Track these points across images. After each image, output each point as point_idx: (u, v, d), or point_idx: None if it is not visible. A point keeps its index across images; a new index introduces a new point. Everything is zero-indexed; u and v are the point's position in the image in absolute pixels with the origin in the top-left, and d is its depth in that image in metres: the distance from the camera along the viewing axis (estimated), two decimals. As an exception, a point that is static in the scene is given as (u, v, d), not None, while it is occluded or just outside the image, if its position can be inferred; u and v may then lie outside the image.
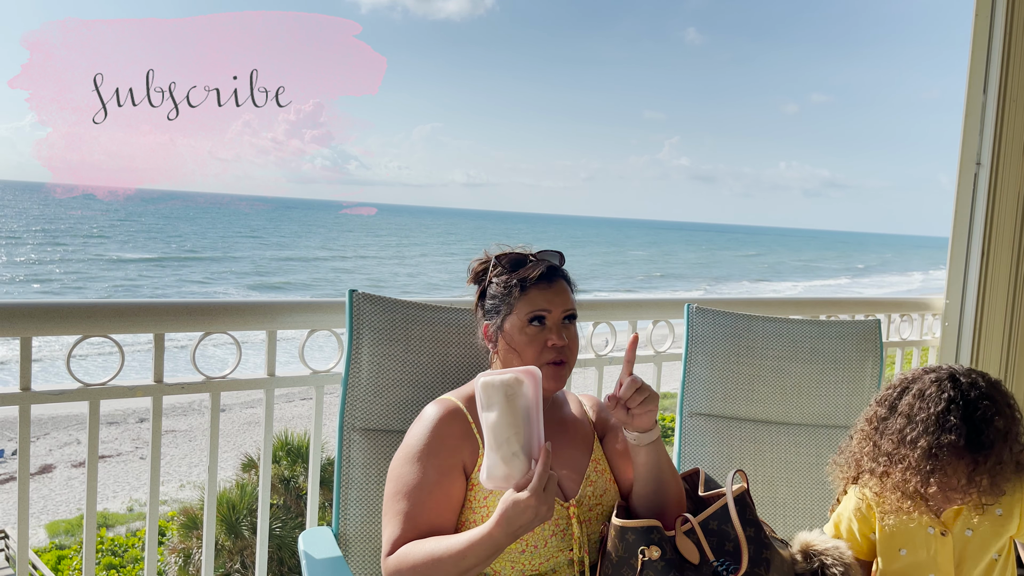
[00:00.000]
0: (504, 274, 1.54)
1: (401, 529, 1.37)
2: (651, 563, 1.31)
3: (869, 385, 2.24)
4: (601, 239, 78.56)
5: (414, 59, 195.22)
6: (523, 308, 1.49)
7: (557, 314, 1.50)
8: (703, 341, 2.18)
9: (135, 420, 16.40)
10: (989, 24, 2.95)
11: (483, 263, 1.60)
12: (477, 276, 1.61)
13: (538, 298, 1.50)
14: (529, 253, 1.58)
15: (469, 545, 1.27)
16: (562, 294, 1.52)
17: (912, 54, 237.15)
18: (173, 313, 1.87)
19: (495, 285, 1.55)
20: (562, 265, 1.60)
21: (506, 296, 1.52)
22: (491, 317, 1.55)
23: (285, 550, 8.53)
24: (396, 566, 1.34)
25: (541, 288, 1.50)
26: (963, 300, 3.08)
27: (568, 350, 1.51)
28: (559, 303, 1.51)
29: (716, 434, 2.15)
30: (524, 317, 1.49)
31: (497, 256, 1.58)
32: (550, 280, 1.52)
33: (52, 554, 11.06)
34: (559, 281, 1.54)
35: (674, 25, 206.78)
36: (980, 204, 3.01)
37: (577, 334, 1.55)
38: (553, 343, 1.48)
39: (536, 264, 1.53)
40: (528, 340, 1.49)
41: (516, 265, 1.55)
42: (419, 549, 1.33)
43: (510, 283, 1.52)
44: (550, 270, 1.53)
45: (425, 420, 1.48)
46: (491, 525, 1.25)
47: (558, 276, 1.55)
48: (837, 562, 1.47)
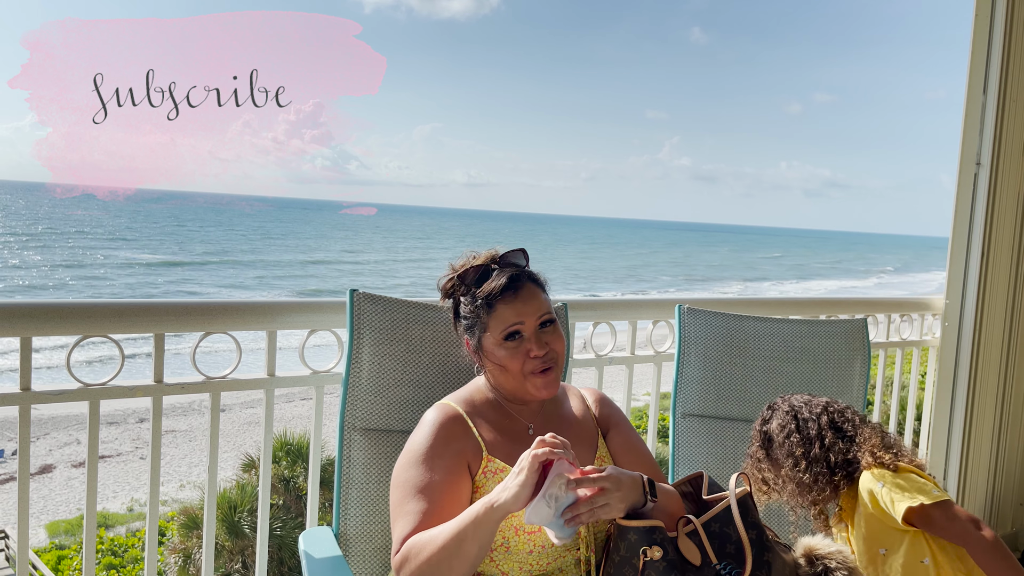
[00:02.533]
0: (468, 293, 1.53)
1: (412, 527, 1.37)
2: (653, 563, 1.31)
3: (858, 384, 2.24)
4: (620, 241, 78.73)
5: (415, 59, 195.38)
6: (496, 325, 1.48)
7: (531, 323, 1.48)
8: (695, 342, 2.18)
9: (135, 420, 16.39)
10: (989, 24, 2.95)
11: (449, 279, 1.57)
12: (447, 294, 1.60)
13: (507, 313, 1.48)
14: (491, 259, 1.54)
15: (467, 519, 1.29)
16: (531, 301, 1.49)
17: (918, 54, 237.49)
18: (173, 313, 1.86)
19: (463, 305, 1.55)
20: (527, 265, 1.57)
21: (477, 316, 1.51)
22: (469, 334, 1.55)
23: (285, 550, 8.52)
24: (403, 556, 1.34)
25: (507, 301, 1.48)
26: (963, 300, 3.07)
27: (552, 354, 1.49)
28: (530, 311, 1.48)
29: (710, 435, 2.15)
30: (499, 335, 1.48)
31: (460, 274, 1.55)
32: (515, 289, 1.49)
33: (52, 554, 11.06)
34: (525, 287, 1.50)
35: (677, 25, 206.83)
36: (980, 204, 3.01)
37: (561, 333, 1.53)
38: (535, 354, 1.47)
39: (498, 275, 1.50)
40: (509, 355, 1.48)
41: (480, 280, 1.52)
42: (422, 536, 1.33)
43: (476, 303, 1.51)
44: (511, 280, 1.50)
45: (427, 425, 1.49)
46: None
47: (523, 282, 1.51)
48: (841, 566, 1.46)
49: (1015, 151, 3.02)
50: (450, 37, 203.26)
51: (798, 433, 1.73)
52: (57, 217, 52.44)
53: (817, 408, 1.76)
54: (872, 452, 1.66)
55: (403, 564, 1.33)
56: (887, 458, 1.64)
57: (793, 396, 1.84)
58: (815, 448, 1.70)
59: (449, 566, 1.28)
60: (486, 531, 1.28)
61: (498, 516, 1.27)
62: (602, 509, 1.27)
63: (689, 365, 2.17)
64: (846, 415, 1.76)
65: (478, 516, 1.27)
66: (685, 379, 2.16)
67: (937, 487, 1.62)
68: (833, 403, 1.79)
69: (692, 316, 2.19)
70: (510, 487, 1.25)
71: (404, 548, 1.35)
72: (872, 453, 1.66)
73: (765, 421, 1.83)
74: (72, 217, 53.00)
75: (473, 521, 1.28)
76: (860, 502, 1.66)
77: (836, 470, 1.68)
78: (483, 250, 1.58)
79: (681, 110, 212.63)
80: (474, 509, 1.29)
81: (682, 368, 2.17)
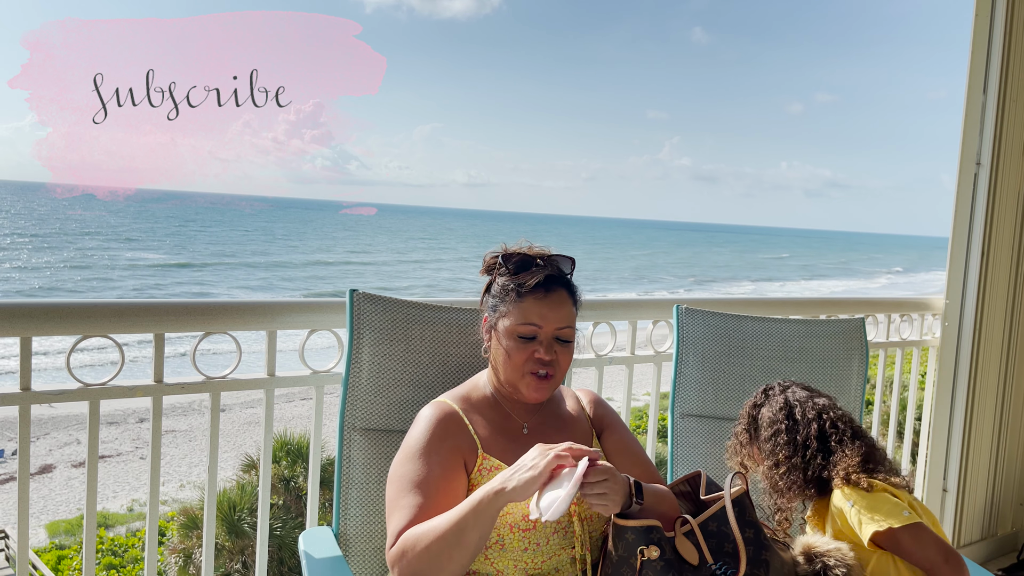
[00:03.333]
0: (506, 275, 1.53)
1: (408, 520, 1.37)
2: (650, 563, 1.31)
3: (856, 383, 2.24)
4: (624, 242, 78.76)
5: (416, 59, 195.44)
6: (516, 315, 1.49)
7: (548, 330, 1.48)
8: (693, 342, 2.18)
9: (135, 420, 16.40)
10: (989, 24, 2.95)
11: (494, 257, 1.58)
12: (488, 268, 1.60)
13: (531, 310, 1.48)
14: (539, 255, 1.54)
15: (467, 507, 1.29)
16: (558, 308, 1.49)
17: (919, 53, 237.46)
18: (173, 313, 1.86)
19: (497, 284, 1.55)
20: (571, 273, 1.57)
21: (504, 298, 1.52)
22: (491, 312, 1.55)
23: (285, 550, 8.52)
24: (400, 549, 1.33)
25: (537, 297, 1.49)
26: (963, 300, 3.07)
27: (555, 365, 1.49)
28: (552, 319, 1.48)
29: (708, 435, 2.15)
30: (516, 326, 1.48)
31: (505, 255, 1.55)
32: (548, 289, 1.49)
33: (52, 554, 11.06)
34: (557, 291, 1.51)
35: (678, 25, 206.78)
36: (980, 204, 3.01)
37: (572, 353, 1.52)
38: (540, 356, 1.47)
39: (538, 271, 1.51)
40: (516, 346, 1.48)
41: (521, 267, 1.52)
42: (418, 528, 1.33)
43: (508, 286, 1.51)
44: (548, 279, 1.50)
45: (423, 421, 1.49)
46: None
47: (557, 286, 1.51)
48: (840, 563, 1.46)
49: (1015, 151, 3.02)
50: (451, 37, 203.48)
51: (786, 434, 1.69)
52: (60, 218, 52.41)
53: (811, 412, 1.71)
54: (847, 472, 1.60)
55: (400, 557, 1.33)
56: (862, 480, 1.58)
57: (793, 387, 1.78)
58: (797, 457, 1.66)
59: (449, 556, 1.28)
60: (487, 519, 1.28)
61: (502, 503, 1.27)
62: (600, 497, 1.29)
63: (687, 365, 2.16)
64: (838, 426, 1.69)
65: (481, 502, 1.28)
66: (683, 379, 2.16)
67: (912, 508, 1.56)
68: (830, 409, 1.72)
69: (690, 316, 2.19)
70: (521, 477, 1.26)
71: (400, 541, 1.34)
72: (846, 473, 1.60)
73: (757, 405, 1.78)
74: (75, 218, 52.97)
75: (474, 509, 1.28)
76: (830, 516, 1.62)
77: (809, 484, 1.65)
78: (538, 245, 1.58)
79: (682, 110, 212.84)
80: (475, 497, 1.29)
81: (680, 368, 2.17)
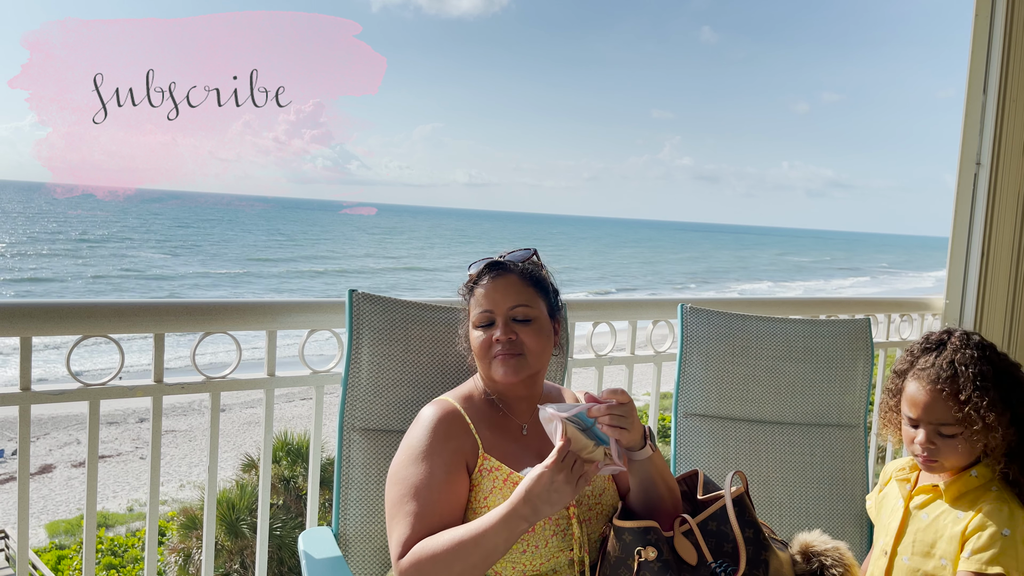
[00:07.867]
0: (464, 280, 1.59)
1: (412, 529, 1.36)
2: (647, 564, 1.31)
3: (861, 383, 2.24)
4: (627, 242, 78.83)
5: (418, 58, 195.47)
6: (474, 309, 1.54)
7: (501, 312, 1.50)
8: (697, 341, 2.17)
9: (135, 420, 16.39)
10: (989, 24, 2.95)
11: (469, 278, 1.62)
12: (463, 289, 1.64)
13: (483, 299, 1.52)
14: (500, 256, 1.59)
15: (490, 525, 1.28)
16: (507, 290, 1.51)
17: (923, 53, 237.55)
18: (173, 313, 1.86)
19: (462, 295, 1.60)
20: (525, 262, 1.58)
21: (466, 301, 1.57)
22: (464, 321, 1.60)
23: (285, 550, 8.52)
24: (414, 561, 1.32)
25: (484, 286, 1.53)
26: (963, 300, 3.07)
27: (521, 344, 1.49)
28: (502, 301, 1.50)
29: (711, 434, 2.14)
30: (474, 319, 1.53)
31: (470, 265, 1.60)
32: (494, 276, 1.53)
33: (52, 554, 11.07)
34: (505, 276, 1.53)
35: (682, 25, 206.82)
36: (980, 204, 3.01)
37: (540, 332, 1.51)
38: (497, 338, 1.49)
39: (484, 264, 1.56)
40: (478, 336, 1.52)
41: (477, 271, 1.57)
42: (436, 540, 1.33)
43: (464, 289, 1.57)
44: (492, 265, 1.54)
45: (424, 421, 1.48)
46: (512, 501, 1.28)
47: (504, 272, 1.53)
48: (837, 563, 1.47)
49: (1015, 151, 3.02)
50: (454, 36, 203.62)
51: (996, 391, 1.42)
52: (60, 218, 52.39)
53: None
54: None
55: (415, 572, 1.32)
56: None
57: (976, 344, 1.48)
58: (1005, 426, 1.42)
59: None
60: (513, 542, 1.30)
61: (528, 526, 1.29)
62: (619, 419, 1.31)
63: (691, 364, 2.16)
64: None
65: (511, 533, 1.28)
66: (687, 379, 2.16)
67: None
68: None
69: (695, 316, 2.19)
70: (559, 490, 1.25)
71: (412, 553, 1.34)
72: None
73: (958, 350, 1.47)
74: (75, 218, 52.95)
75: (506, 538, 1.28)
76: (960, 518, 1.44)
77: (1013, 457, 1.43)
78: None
79: (685, 110, 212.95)
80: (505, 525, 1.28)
81: (684, 367, 2.16)
